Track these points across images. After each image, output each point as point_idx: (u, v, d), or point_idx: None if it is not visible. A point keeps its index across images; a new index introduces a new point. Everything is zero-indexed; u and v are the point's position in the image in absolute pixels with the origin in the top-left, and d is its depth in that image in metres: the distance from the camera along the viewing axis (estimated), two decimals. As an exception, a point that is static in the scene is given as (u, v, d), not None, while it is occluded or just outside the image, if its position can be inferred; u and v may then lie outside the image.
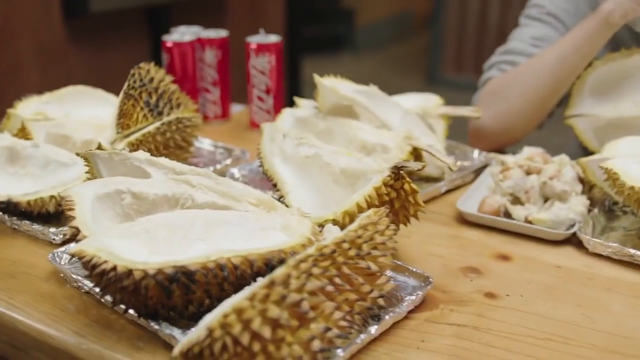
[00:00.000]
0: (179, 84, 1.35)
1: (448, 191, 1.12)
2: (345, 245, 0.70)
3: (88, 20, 2.13)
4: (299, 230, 0.77)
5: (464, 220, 1.03)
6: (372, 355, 0.73)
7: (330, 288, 0.68)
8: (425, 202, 1.10)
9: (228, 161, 1.17)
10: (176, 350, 0.64)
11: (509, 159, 1.10)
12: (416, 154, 1.01)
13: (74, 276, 0.83)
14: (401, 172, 0.82)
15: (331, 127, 1.05)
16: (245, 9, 3.00)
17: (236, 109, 1.53)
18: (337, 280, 0.69)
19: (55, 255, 0.87)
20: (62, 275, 0.86)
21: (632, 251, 0.91)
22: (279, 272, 0.64)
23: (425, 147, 0.99)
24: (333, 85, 1.04)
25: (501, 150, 1.30)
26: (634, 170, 0.95)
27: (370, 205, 0.82)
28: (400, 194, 0.83)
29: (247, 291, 0.63)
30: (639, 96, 1.17)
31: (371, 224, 0.74)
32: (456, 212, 1.04)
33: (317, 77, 1.05)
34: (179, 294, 0.71)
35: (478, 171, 1.17)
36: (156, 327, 0.73)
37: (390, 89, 1.29)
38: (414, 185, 0.84)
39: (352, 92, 1.06)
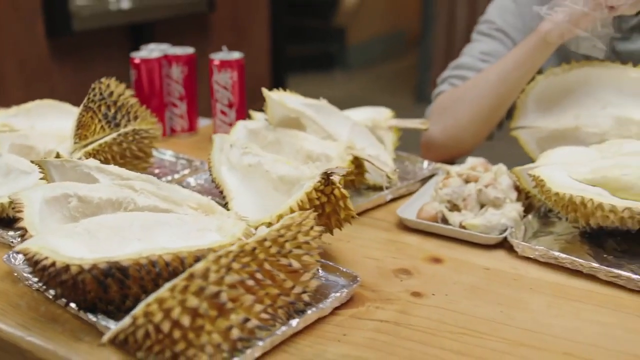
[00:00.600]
0: (146, 98, 1.42)
1: (394, 199, 1.18)
2: (267, 244, 0.76)
3: (71, 38, 2.20)
4: (232, 232, 0.83)
5: (404, 226, 1.09)
6: (295, 347, 0.78)
7: (250, 282, 0.73)
8: (371, 209, 1.16)
9: (187, 171, 1.23)
10: (105, 338, 0.70)
11: (452, 168, 1.16)
12: (357, 163, 1.06)
13: (26, 275, 0.89)
14: (331, 178, 0.88)
15: (280, 138, 1.11)
16: (228, 27, 3.08)
17: (204, 122, 1.59)
18: (258, 275, 0.74)
19: (10, 256, 0.92)
20: (15, 274, 0.92)
21: (557, 254, 0.97)
22: (198, 266, 0.70)
23: (365, 157, 1.05)
24: (280, 99, 1.10)
25: (451, 161, 1.36)
26: (559, 177, 1.01)
27: (302, 209, 0.88)
28: (331, 199, 0.89)
29: (169, 283, 0.69)
30: (578, 109, 1.23)
31: (295, 225, 0.79)
32: (398, 218, 1.10)
33: (265, 91, 1.11)
34: (115, 289, 0.77)
35: (424, 181, 1.23)
36: (94, 319, 0.78)
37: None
38: (344, 191, 0.90)
39: (299, 105, 1.12)
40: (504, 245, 1.03)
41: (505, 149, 1.47)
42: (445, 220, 1.07)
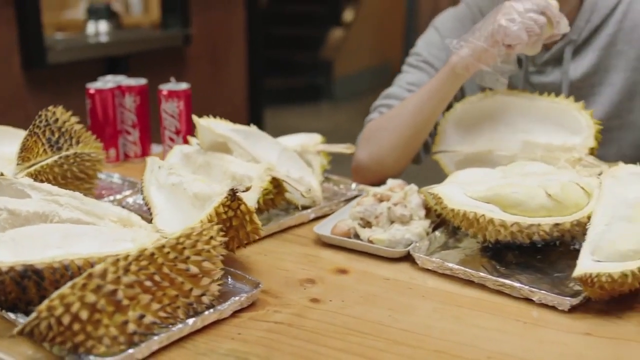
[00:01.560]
0: (101, 126, 1.53)
1: (318, 218, 1.28)
2: (166, 250, 0.85)
3: (46, 70, 2.32)
4: (143, 241, 0.93)
5: (321, 241, 1.18)
6: (192, 342, 0.87)
7: (148, 283, 0.83)
8: (295, 226, 1.25)
9: (128, 192, 1.33)
10: (15, 330, 0.79)
11: (372, 189, 1.25)
12: (276, 183, 1.16)
13: (-38, 282, 0.98)
14: (236, 194, 0.98)
15: (209, 160, 1.22)
16: (206, 60, 3.21)
17: (157, 149, 1.70)
18: (156, 277, 0.84)
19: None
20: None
21: (451, 265, 1.06)
22: (98, 267, 0.79)
23: (282, 177, 1.15)
24: (209, 125, 1.21)
25: (379, 184, 1.45)
26: (456, 195, 1.11)
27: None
28: (238, 214, 0.98)
29: (71, 282, 0.79)
30: (492, 134, 1.34)
31: (195, 234, 0.89)
32: (316, 234, 1.19)
33: (194, 118, 1.22)
34: (34, 291, 0.86)
35: (348, 201, 1.32)
36: (14, 317, 0.88)
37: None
38: (250, 207, 0.99)
39: (225, 131, 1.23)
40: (408, 258, 1.12)
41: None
42: (357, 236, 1.16)
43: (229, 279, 0.99)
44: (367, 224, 1.18)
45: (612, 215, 1.05)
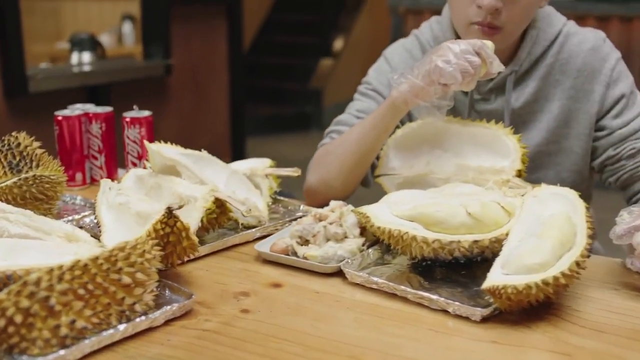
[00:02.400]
0: (68, 151, 1.62)
1: (262, 236, 1.36)
2: (99, 261, 0.93)
3: (28, 99, 2.42)
4: (85, 255, 1.01)
5: (261, 258, 1.26)
6: (122, 347, 0.94)
7: (81, 291, 0.91)
8: (240, 244, 1.33)
9: (87, 212, 1.41)
10: (-44, 334, 0.87)
11: (314, 210, 1.34)
12: (219, 203, 1.25)
13: None
14: (173, 212, 1.06)
15: (160, 182, 1.30)
16: (188, 90, 3.32)
17: (122, 173, 1.78)
18: (89, 286, 0.92)
19: None
20: None
21: (376, 279, 1.14)
22: (32, 275, 0.87)
23: (224, 198, 1.23)
24: (158, 149, 1.30)
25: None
26: (382, 214, 1.19)
27: (151, 239, 1.05)
28: (174, 230, 1.07)
29: (7, 288, 0.87)
30: (429, 157, 1.42)
31: (129, 247, 0.97)
32: (257, 252, 1.27)
33: (146, 143, 1.31)
34: (-20, 300, 0.94)
35: (294, 221, 1.40)
36: (-40, 325, 0.95)
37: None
38: (186, 224, 1.08)
39: (174, 154, 1.31)
40: (340, 273, 1.20)
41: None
42: (295, 253, 1.24)
43: (167, 291, 1.07)
44: (306, 242, 1.26)
45: (525, 231, 1.13)
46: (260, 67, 7.48)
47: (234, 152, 3.67)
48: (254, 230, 1.34)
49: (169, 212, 1.06)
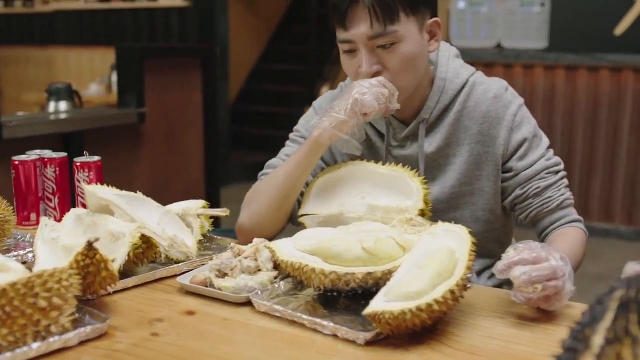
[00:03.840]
0: (24, 193, 1.76)
1: (189, 270, 1.49)
2: (17, 287, 1.07)
3: (2, 144, 2.58)
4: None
5: (183, 290, 1.39)
6: (36, 364, 1.07)
7: (-1, 313, 1.04)
8: (168, 277, 1.46)
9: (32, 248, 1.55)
10: None
11: (236, 246, 1.47)
12: (145, 239, 1.38)
13: None
14: (92, 245, 1.19)
15: (95, 221, 1.44)
16: (161, 138, 3.47)
17: (77, 214, 1.93)
18: (7, 308, 1.05)
19: None
20: None
21: (279, 308, 1.26)
22: (-47, 298, 1.01)
23: (149, 234, 1.37)
24: (94, 190, 1.44)
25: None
26: (287, 248, 1.32)
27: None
28: (94, 262, 1.20)
29: None
30: (344, 198, 1.56)
31: (47, 275, 1.10)
32: (179, 284, 1.40)
33: (83, 185, 1.46)
34: None
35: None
36: None
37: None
38: (105, 257, 1.21)
39: (108, 195, 1.46)
40: (251, 303, 1.32)
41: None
42: (212, 285, 1.37)
43: (87, 316, 1.20)
44: (224, 275, 1.39)
45: (412, 263, 1.26)
46: (248, 115, 7.70)
47: (208, 198, 3.81)
48: (181, 264, 1.47)
49: (89, 245, 1.19)
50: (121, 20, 6.96)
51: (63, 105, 3.07)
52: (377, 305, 1.16)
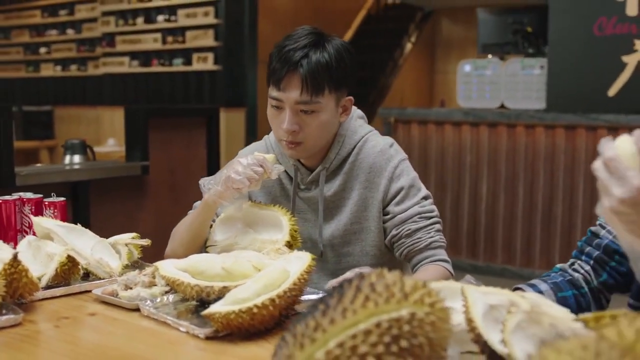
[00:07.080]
0: (6, 228, 2.24)
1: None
2: (-49, 284, 1.51)
3: (15, 190, 3.09)
4: (-47, 283, 1.59)
5: (98, 299, 1.81)
6: (-40, 339, 1.50)
7: None
8: (90, 290, 1.88)
9: None
10: None
11: (149, 269, 1.89)
12: (71, 258, 1.81)
13: None
14: (17, 258, 1.63)
15: (40, 246, 1.89)
16: (165, 189, 3.95)
17: (50, 244, 2.39)
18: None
19: None
20: None
21: (153, 310, 1.66)
22: None
23: (74, 255, 1.80)
24: (39, 221, 1.90)
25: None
26: (168, 266, 1.73)
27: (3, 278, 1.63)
28: (17, 270, 1.63)
29: None
30: (238, 232, 1.95)
31: (-27, 278, 1.55)
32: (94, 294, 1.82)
33: (32, 217, 1.91)
34: None
35: (137, 277, 1.95)
36: None
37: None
38: (26, 267, 1.64)
39: (50, 225, 1.91)
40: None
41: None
42: (117, 295, 1.79)
43: (9, 311, 1.63)
44: (129, 288, 1.81)
45: (253, 279, 1.64)
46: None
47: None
48: (103, 280, 1.89)
49: (14, 257, 1.64)
50: (159, 82, 7.67)
51: (76, 158, 3.61)
52: (214, 307, 1.55)
